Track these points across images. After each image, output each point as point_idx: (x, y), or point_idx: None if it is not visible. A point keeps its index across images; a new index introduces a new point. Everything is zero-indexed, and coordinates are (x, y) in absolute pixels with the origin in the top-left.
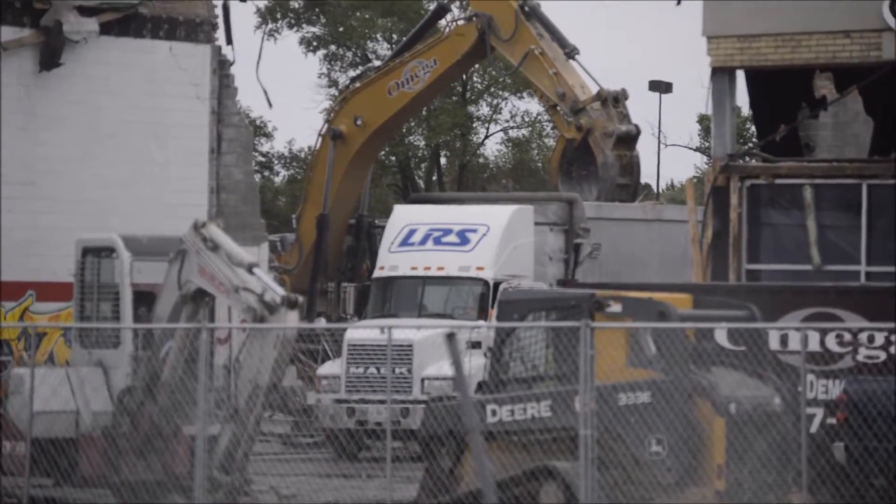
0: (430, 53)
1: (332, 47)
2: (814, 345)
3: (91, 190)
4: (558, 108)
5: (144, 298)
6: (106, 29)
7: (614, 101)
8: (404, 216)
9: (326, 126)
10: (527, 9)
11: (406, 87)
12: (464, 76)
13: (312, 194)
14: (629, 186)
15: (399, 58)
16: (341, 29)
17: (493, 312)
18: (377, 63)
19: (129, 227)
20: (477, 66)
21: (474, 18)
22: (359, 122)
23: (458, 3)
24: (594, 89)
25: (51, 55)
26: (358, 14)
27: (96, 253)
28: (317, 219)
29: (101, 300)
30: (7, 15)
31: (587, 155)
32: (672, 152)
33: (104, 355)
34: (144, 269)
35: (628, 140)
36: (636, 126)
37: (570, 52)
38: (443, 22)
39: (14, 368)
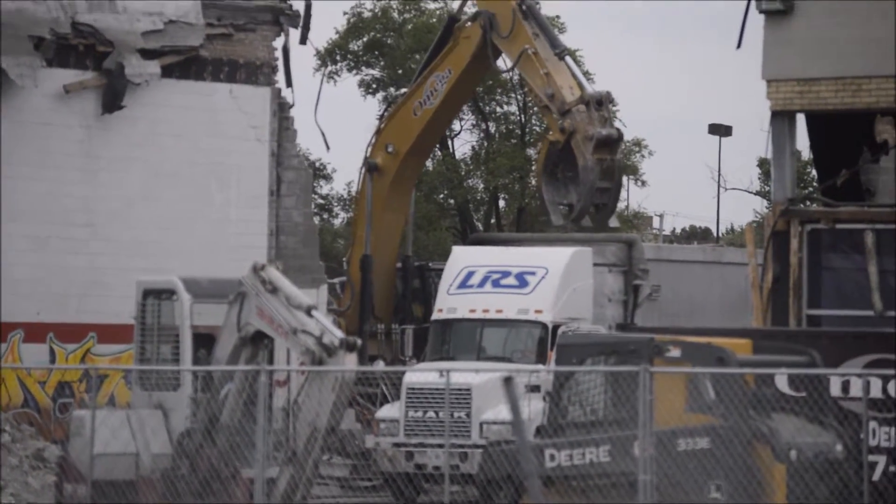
0: (444, 64)
1: (392, 90)
2: (876, 391)
3: (151, 232)
4: (549, 109)
5: (204, 341)
6: (167, 72)
7: (597, 104)
8: (463, 258)
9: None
10: (524, 7)
11: (428, 103)
12: (523, 120)
13: (358, 234)
14: (609, 190)
15: (420, 77)
16: (400, 71)
17: (552, 356)
18: (404, 91)
19: (188, 269)
20: (535, 109)
21: (479, 18)
22: (390, 150)
23: (466, 11)
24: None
25: (113, 98)
26: (417, 56)
27: (157, 295)
28: (360, 260)
29: (162, 342)
30: (70, 58)
31: (572, 157)
32: (732, 196)
33: (164, 397)
34: (204, 312)
35: (609, 143)
36: (618, 130)
37: (560, 53)
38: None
39: (75, 410)
